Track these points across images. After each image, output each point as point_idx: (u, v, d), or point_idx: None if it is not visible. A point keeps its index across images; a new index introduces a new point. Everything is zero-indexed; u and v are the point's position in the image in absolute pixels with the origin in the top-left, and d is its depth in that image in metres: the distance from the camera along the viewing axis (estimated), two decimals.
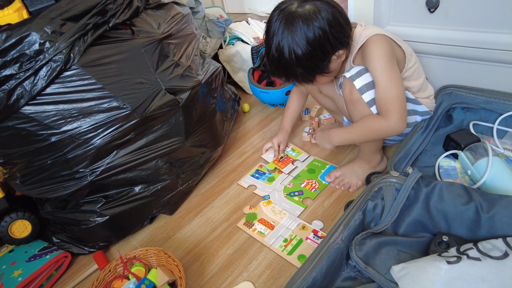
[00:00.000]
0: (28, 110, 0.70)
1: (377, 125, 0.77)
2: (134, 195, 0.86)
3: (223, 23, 1.52)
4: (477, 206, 0.65)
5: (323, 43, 0.71)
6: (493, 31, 0.89)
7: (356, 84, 0.78)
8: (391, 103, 0.74)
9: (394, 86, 0.74)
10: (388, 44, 0.76)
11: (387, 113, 0.75)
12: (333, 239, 0.64)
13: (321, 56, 0.73)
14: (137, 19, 0.85)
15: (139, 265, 0.76)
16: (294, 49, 0.71)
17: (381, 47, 0.75)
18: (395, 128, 0.75)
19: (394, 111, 0.74)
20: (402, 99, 0.75)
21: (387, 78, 0.74)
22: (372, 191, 0.73)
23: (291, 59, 0.73)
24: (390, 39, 0.79)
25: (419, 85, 0.86)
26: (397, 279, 0.60)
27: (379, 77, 0.75)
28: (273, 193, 0.96)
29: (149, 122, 0.82)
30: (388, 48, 0.76)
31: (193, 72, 0.97)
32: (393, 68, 0.75)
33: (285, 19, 0.71)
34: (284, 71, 0.77)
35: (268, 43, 0.76)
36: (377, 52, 0.75)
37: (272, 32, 0.74)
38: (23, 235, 0.86)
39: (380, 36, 0.76)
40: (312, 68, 0.75)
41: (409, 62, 0.82)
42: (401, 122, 0.75)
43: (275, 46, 0.73)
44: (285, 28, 0.71)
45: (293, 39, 0.71)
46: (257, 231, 0.85)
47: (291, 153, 1.09)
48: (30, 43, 0.66)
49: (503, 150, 0.86)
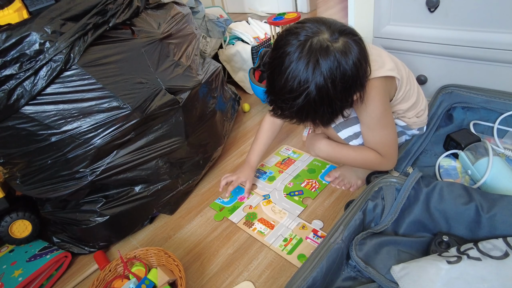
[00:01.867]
0: (28, 110, 0.70)
1: (375, 160, 0.79)
2: (134, 195, 0.86)
3: (223, 23, 1.52)
4: (477, 206, 0.65)
5: (355, 79, 0.62)
6: (493, 31, 0.89)
7: (341, 135, 0.80)
8: (389, 147, 0.78)
9: (390, 133, 0.77)
10: (385, 89, 0.72)
11: (386, 154, 0.78)
12: (333, 239, 0.64)
13: (348, 95, 0.64)
14: (137, 19, 0.85)
15: (139, 265, 0.76)
16: (327, 86, 0.59)
17: (378, 95, 0.70)
18: (391, 166, 0.82)
19: (392, 154, 0.79)
20: (396, 141, 0.79)
21: (383, 126, 0.75)
22: (373, 191, 0.73)
23: (319, 97, 0.60)
24: (388, 77, 0.72)
25: (409, 106, 0.82)
26: (398, 279, 0.60)
27: (376, 126, 0.75)
28: (273, 192, 0.96)
29: (149, 122, 0.82)
30: (384, 94, 0.72)
31: (193, 72, 0.97)
32: (388, 114, 0.75)
33: (317, 52, 0.59)
34: (301, 112, 0.64)
35: (281, 77, 0.61)
36: (375, 101, 0.70)
37: (290, 65, 0.60)
38: (24, 235, 0.86)
39: (378, 81, 0.70)
40: (338, 108, 0.65)
41: (399, 92, 0.77)
42: (394, 162, 0.81)
43: (297, 83, 0.60)
44: (316, 63, 0.58)
45: (326, 75, 0.59)
46: (257, 231, 0.85)
47: (292, 155, 1.09)
48: (30, 43, 0.66)
49: (504, 150, 0.86)
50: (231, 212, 0.92)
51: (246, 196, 0.95)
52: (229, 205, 0.94)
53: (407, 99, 0.82)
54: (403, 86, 0.79)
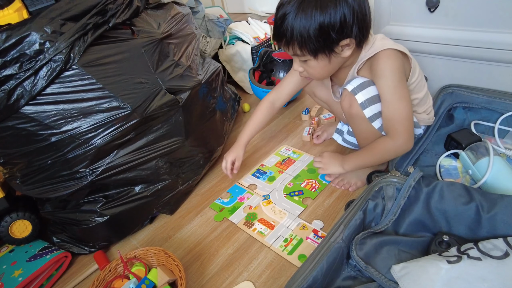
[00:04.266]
0: (28, 110, 0.70)
1: (386, 147, 0.77)
2: (134, 195, 0.85)
3: (223, 22, 1.53)
4: (478, 206, 0.65)
5: (347, 20, 0.66)
6: (493, 31, 0.89)
7: (358, 99, 0.75)
8: (400, 123, 0.73)
9: (405, 106, 0.73)
10: (400, 61, 0.73)
11: (395, 132, 0.74)
12: (334, 239, 0.64)
13: (336, 34, 0.67)
14: (137, 19, 0.85)
15: (140, 265, 0.76)
16: (317, 10, 0.64)
17: (394, 63, 0.72)
18: (403, 147, 0.76)
19: (403, 131, 0.74)
20: (411, 119, 0.74)
21: (398, 98, 0.72)
22: (373, 190, 0.73)
23: (311, 18, 0.65)
24: (400, 52, 0.74)
25: (420, 98, 0.82)
26: (398, 279, 0.60)
27: (390, 96, 0.72)
28: (273, 192, 0.96)
29: (149, 122, 0.82)
30: (400, 66, 0.73)
31: (193, 72, 0.97)
32: (404, 87, 0.73)
33: None
34: (292, 27, 0.67)
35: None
36: (390, 69, 0.71)
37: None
38: (24, 235, 0.86)
39: (393, 52, 0.72)
40: (324, 41, 0.68)
41: (413, 76, 0.78)
42: (409, 141, 0.75)
43: None
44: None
45: (318, 3, 0.64)
46: (257, 231, 0.85)
47: (292, 155, 1.09)
48: (30, 43, 0.66)
49: (504, 150, 0.86)
50: (231, 212, 0.91)
51: (235, 172, 0.96)
52: (229, 206, 0.94)
53: (419, 89, 0.82)
54: (416, 73, 0.79)
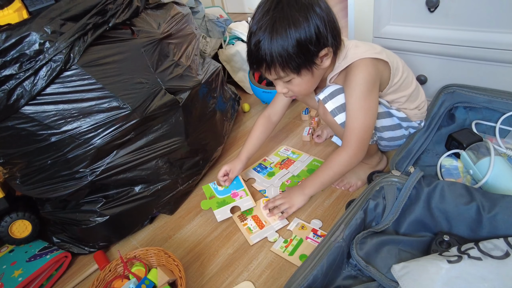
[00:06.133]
0: (28, 110, 0.70)
1: (339, 159, 0.77)
2: (134, 195, 0.85)
3: (223, 23, 1.53)
4: (478, 206, 0.64)
5: (321, 31, 0.66)
6: (493, 31, 0.89)
7: (328, 107, 0.77)
8: (354, 133, 0.74)
9: (365, 118, 0.73)
10: (373, 70, 0.73)
11: (348, 142, 0.75)
12: (334, 238, 0.64)
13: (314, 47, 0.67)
14: (137, 19, 0.85)
15: (139, 265, 0.76)
16: (291, 28, 0.65)
17: (365, 75, 0.72)
18: (353, 158, 0.76)
19: (354, 141, 0.74)
20: (367, 131, 0.74)
21: (358, 108, 0.73)
22: (374, 190, 0.73)
23: (287, 37, 0.65)
24: (377, 60, 0.74)
25: (408, 95, 0.82)
26: (398, 278, 0.60)
27: (351, 105, 0.73)
28: (270, 188, 0.96)
29: (149, 122, 0.82)
30: (373, 75, 0.72)
31: (193, 72, 0.97)
32: (371, 99, 0.73)
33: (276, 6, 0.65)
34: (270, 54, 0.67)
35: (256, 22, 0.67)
36: (359, 80, 0.72)
37: (259, 15, 0.67)
38: (23, 235, 0.86)
39: (366, 61, 0.72)
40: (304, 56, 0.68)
41: (395, 77, 0.78)
42: (359, 152, 0.75)
43: (266, 25, 0.66)
44: (278, 14, 0.65)
45: (290, 21, 0.64)
46: (246, 227, 0.85)
47: (292, 155, 1.09)
48: (30, 43, 0.66)
49: (505, 150, 0.85)
50: (219, 206, 0.89)
51: (227, 184, 0.95)
52: (220, 197, 0.92)
53: (406, 86, 0.81)
54: (399, 72, 0.79)
